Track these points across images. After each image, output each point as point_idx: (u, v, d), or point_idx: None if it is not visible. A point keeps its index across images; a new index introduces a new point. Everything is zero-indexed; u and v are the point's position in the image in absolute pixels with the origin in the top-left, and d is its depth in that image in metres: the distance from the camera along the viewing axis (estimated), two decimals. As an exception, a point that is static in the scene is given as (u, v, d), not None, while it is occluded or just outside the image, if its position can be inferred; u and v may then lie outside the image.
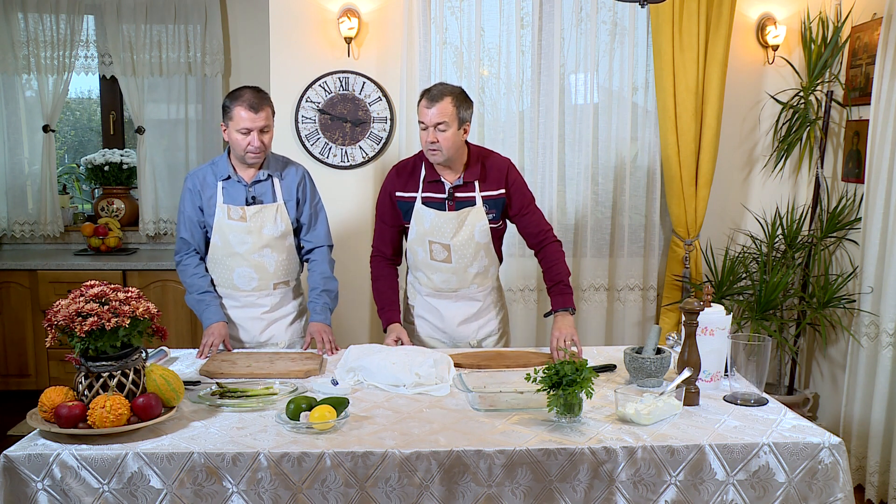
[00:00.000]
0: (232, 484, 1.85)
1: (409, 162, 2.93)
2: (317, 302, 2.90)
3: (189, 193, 2.86)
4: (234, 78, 4.87)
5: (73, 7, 4.67)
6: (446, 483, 1.88)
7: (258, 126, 2.72)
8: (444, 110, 2.67)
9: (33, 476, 1.83)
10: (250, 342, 2.92)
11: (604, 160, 4.15)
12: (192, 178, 2.88)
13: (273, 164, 2.89)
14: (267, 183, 2.86)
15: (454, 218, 2.80)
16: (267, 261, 2.86)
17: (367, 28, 4.02)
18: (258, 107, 2.72)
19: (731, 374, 2.31)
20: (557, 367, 2.03)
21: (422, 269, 2.93)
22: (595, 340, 4.21)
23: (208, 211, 2.84)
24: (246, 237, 2.82)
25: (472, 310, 2.94)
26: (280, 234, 2.86)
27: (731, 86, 4.08)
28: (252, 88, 2.79)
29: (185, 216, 2.88)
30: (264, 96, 2.78)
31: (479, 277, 2.91)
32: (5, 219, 4.89)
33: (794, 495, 1.94)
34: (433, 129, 2.69)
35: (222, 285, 2.92)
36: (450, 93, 2.71)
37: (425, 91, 2.74)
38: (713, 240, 4.27)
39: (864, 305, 3.52)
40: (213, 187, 2.84)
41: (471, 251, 2.84)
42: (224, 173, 2.84)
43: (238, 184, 2.83)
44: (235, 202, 2.83)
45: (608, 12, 4.07)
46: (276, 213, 2.85)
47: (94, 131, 5.36)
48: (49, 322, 1.95)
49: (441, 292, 2.93)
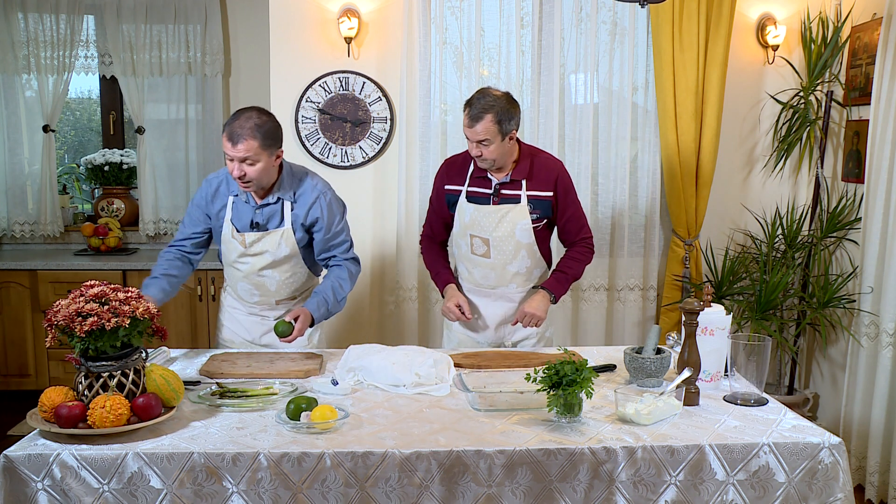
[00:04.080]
0: (232, 484, 1.85)
1: (458, 157, 2.97)
2: (318, 294, 2.75)
3: (199, 197, 2.80)
4: (234, 78, 4.87)
5: (73, 7, 4.66)
6: (446, 483, 1.88)
7: (238, 156, 2.56)
8: (486, 129, 2.67)
9: (33, 476, 1.83)
10: (253, 341, 2.91)
11: (604, 160, 4.15)
12: (207, 185, 2.80)
13: (287, 185, 2.72)
14: (276, 206, 2.73)
15: (495, 212, 2.82)
16: (268, 281, 2.81)
17: (367, 28, 4.02)
18: (236, 139, 2.52)
19: (731, 374, 2.31)
20: (557, 367, 2.03)
21: (463, 263, 2.97)
22: (595, 340, 4.21)
23: (216, 222, 2.79)
24: (245, 258, 2.77)
25: (510, 310, 2.94)
26: (282, 258, 2.77)
27: (731, 86, 4.08)
28: (249, 115, 2.57)
29: (190, 216, 2.83)
30: (253, 128, 2.54)
31: (520, 278, 2.91)
32: (5, 219, 4.89)
33: (794, 495, 1.94)
34: (476, 143, 2.71)
35: (230, 288, 2.92)
36: (490, 109, 2.65)
37: (468, 104, 2.71)
38: (713, 240, 4.27)
39: (864, 305, 3.52)
40: (224, 198, 2.77)
41: (510, 248, 2.84)
42: (236, 189, 2.74)
43: (246, 205, 2.73)
44: (241, 223, 2.74)
45: (608, 12, 4.07)
46: (281, 238, 2.73)
47: (94, 131, 5.36)
48: (49, 322, 1.95)
49: (480, 288, 2.95)
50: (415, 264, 4.13)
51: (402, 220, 4.08)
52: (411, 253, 4.11)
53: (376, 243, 4.20)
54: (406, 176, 4.05)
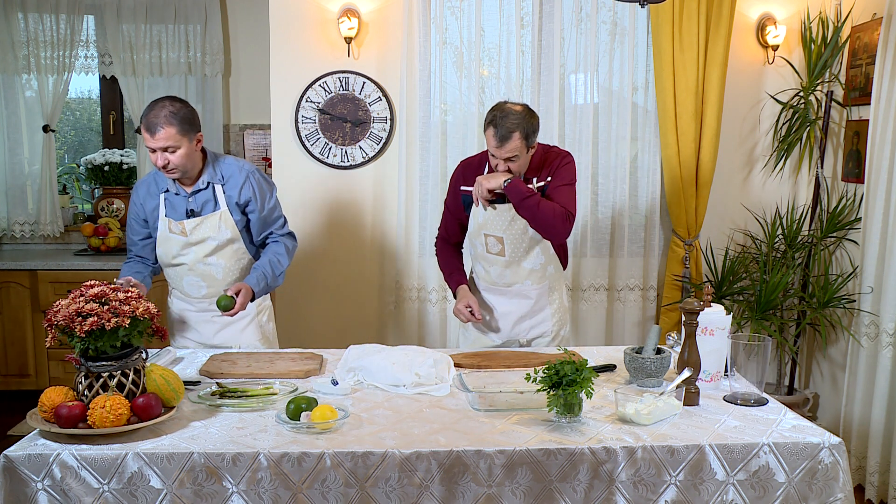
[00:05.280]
0: (232, 484, 1.85)
1: (475, 159, 3.00)
2: (257, 269, 2.80)
3: (133, 206, 2.85)
4: (234, 78, 4.87)
5: (73, 7, 4.67)
6: (446, 483, 1.88)
7: (158, 146, 2.62)
8: (515, 147, 2.70)
9: (33, 476, 1.83)
10: (203, 344, 2.91)
11: (604, 160, 4.15)
12: (136, 191, 2.86)
13: (213, 169, 2.79)
14: (207, 191, 2.78)
15: (507, 210, 2.83)
16: (214, 269, 2.83)
17: (367, 28, 4.02)
18: (154, 129, 2.59)
19: (731, 374, 2.31)
20: (557, 367, 2.03)
21: (479, 262, 3.00)
22: (595, 340, 4.22)
23: (153, 224, 2.83)
24: (189, 249, 2.80)
25: (525, 307, 2.96)
26: (225, 241, 2.81)
27: (731, 86, 4.08)
28: (162, 104, 2.62)
29: (130, 226, 2.89)
30: (169, 116, 2.60)
31: (535, 275, 2.93)
32: (5, 219, 4.89)
33: (794, 495, 1.94)
34: (504, 161, 2.74)
35: (176, 290, 2.94)
36: (516, 127, 2.68)
37: (491, 124, 2.71)
38: (713, 240, 4.27)
39: (864, 305, 3.52)
40: (156, 198, 2.81)
41: (524, 245, 2.87)
42: (164, 185, 2.79)
43: (177, 196, 2.78)
44: (176, 215, 2.78)
45: (608, 12, 4.07)
46: (220, 221, 2.79)
47: (94, 131, 5.36)
48: (49, 322, 1.95)
49: (497, 286, 2.98)
50: (415, 264, 4.14)
51: (401, 220, 4.08)
52: (411, 253, 4.11)
53: (376, 243, 4.20)
54: (406, 176, 4.05)
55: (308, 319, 4.22)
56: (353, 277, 4.21)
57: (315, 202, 4.12)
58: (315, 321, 4.22)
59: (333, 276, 4.20)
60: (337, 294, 4.22)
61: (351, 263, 4.20)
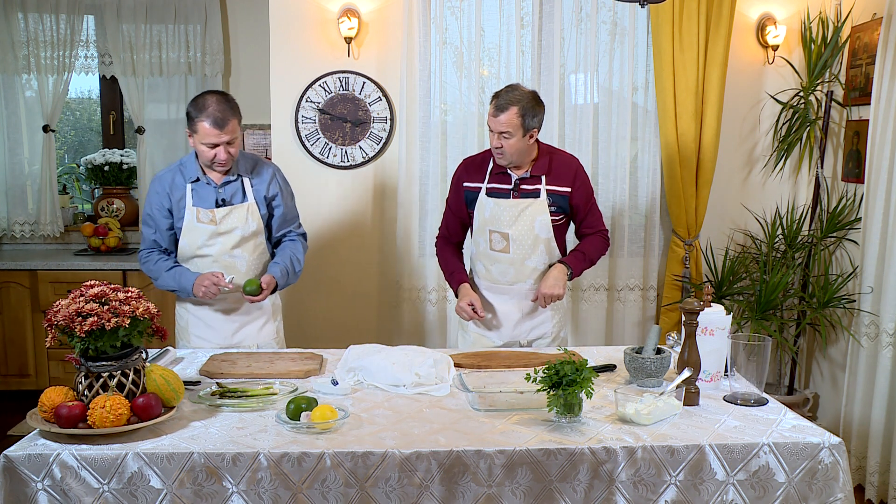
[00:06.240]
0: (232, 484, 1.85)
1: (478, 156, 3.01)
2: (279, 263, 2.85)
3: (157, 196, 2.82)
4: (234, 78, 4.87)
5: (73, 7, 4.67)
6: (446, 483, 1.88)
7: (224, 141, 2.65)
8: (510, 121, 2.72)
9: (33, 476, 1.83)
10: (221, 344, 2.90)
11: (604, 160, 4.15)
12: (159, 181, 2.84)
13: (243, 165, 2.84)
14: (237, 183, 2.83)
15: (514, 206, 2.84)
16: (238, 261, 2.84)
17: (367, 28, 4.02)
18: (223, 123, 2.62)
19: (731, 374, 2.31)
20: (557, 367, 2.03)
21: (481, 260, 2.98)
22: (595, 340, 4.22)
23: (177, 214, 2.81)
24: (216, 238, 2.80)
25: (526, 308, 2.96)
26: (250, 234, 2.84)
27: (731, 86, 4.08)
28: (218, 97, 2.66)
29: (152, 219, 2.84)
30: (230, 108, 2.66)
31: (537, 274, 2.93)
32: (5, 219, 4.89)
33: (794, 495, 1.94)
34: (498, 135, 2.74)
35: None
36: (517, 102, 2.72)
37: (495, 95, 2.77)
38: (713, 240, 4.27)
39: (864, 305, 3.52)
40: (181, 189, 2.80)
41: (529, 242, 2.87)
42: (193, 175, 2.80)
43: (207, 186, 2.80)
44: (205, 205, 2.79)
45: (608, 12, 4.07)
46: (248, 213, 2.82)
47: (94, 131, 5.36)
48: (49, 322, 1.95)
49: (498, 285, 2.96)
50: (415, 264, 4.14)
51: (402, 220, 4.08)
52: (411, 253, 4.11)
53: (376, 243, 4.20)
54: (406, 176, 4.05)
55: (308, 319, 4.22)
56: (354, 277, 4.21)
57: (315, 202, 4.12)
58: (315, 321, 4.22)
59: (333, 277, 4.20)
60: (337, 294, 4.22)
61: (351, 263, 4.20)
